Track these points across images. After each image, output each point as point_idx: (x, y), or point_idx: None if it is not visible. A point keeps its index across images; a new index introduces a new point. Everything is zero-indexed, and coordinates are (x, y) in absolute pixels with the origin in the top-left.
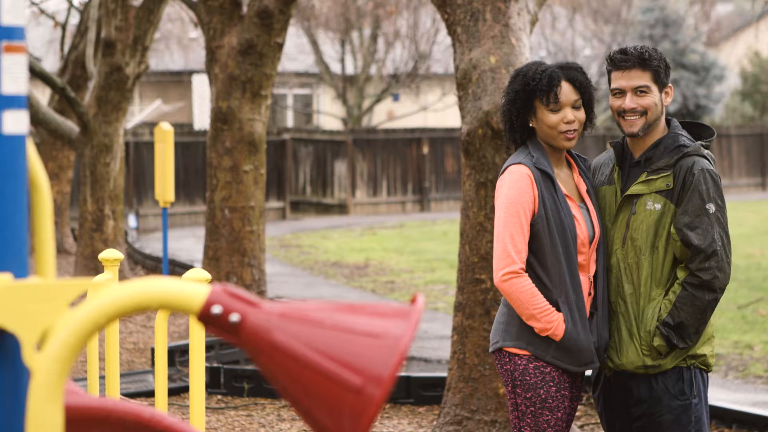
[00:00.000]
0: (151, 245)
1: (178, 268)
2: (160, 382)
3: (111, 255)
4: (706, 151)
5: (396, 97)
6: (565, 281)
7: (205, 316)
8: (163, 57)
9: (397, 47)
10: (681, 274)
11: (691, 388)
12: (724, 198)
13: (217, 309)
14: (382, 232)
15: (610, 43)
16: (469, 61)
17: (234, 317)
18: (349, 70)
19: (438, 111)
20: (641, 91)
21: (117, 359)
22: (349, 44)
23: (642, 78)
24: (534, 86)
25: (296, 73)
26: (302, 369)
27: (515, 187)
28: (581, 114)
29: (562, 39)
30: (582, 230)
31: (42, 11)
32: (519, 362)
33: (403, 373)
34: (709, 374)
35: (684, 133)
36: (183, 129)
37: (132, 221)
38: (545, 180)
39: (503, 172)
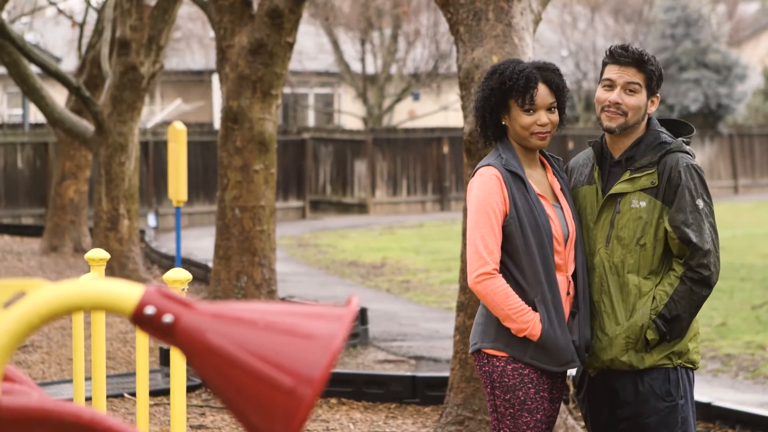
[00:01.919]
0: (169, 244)
1: (193, 267)
2: (141, 383)
3: (97, 255)
4: (687, 147)
5: (416, 97)
6: (540, 281)
7: (139, 317)
8: (184, 57)
9: (418, 46)
10: (679, 269)
11: (678, 388)
12: (711, 193)
13: (150, 310)
14: (401, 232)
15: (632, 42)
16: (472, 60)
17: (167, 318)
18: (370, 69)
19: (459, 110)
20: (630, 90)
21: (103, 360)
22: (369, 43)
23: (636, 76)
24: (510, 86)
25: (317, 73)
26: (234, 370)
27: (483, 188)
28: (555, 117)
29: (584, 38)
30: (557, 229)
31: (61, 11)
32: (497, 364)
33: (408, 373)
34: (719, 375)
35: (664, 130)
36: (203, 128)
37: (152, 220)
38: (516, 181)
39: (473, 175)
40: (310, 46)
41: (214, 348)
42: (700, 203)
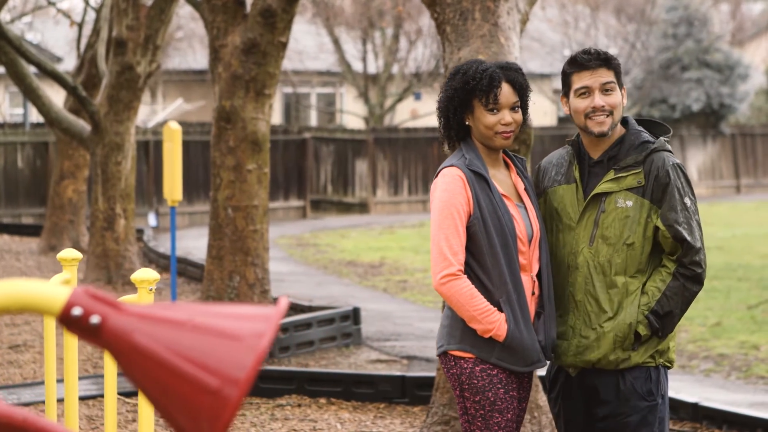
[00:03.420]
0: (168, 244)
1: (189, 267)
2: (110, 385)
3: (69, 255)
4: (668, 146)
5: (418, 96)
6: (505, 281)
7: (66, 318)
8: (186, 56)
9: (419, 46)
10: (671, 265)
11: (658, 387)
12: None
13: (77, 311)
14: (401, 231)
15: (634, 41)
16: (458, 60)
17: (94, 319)
18: (371, 68)
19: None
20: (607, 90)
21: (75, 361)
22: (370, 43)
23: (608, 75)
24: (474, 86)
25: (318, 72)
26: (161, 371)
27: (447, 189)
28: (518, 116)
29: (586, 38)
30: (521, 229)
31: (59, 11)
32: (465, 365)
33: (398, 373)
34: (711, 374)
35: (643, 130)
36: (204, 128)
37: (152, 220)
38: (479, 181)
39: (436, 176)
40: (311, 46)
41: (141, 349)
42: (688, 201)
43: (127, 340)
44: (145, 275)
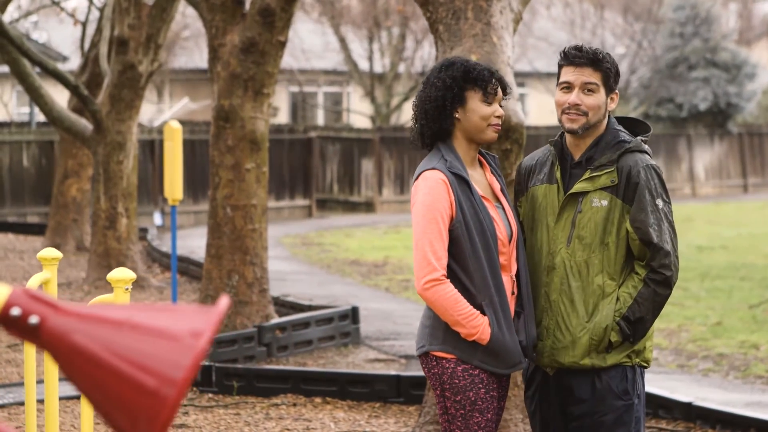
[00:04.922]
0: (170, 243)
1: (192, 266)
2: None
3: (49, 254)
4: (645, 147)
5: None
6: (488, 284)
7: (5, 319)
8: (192, 55)
9: (425, 45)
10: (641, 271)
11: (634, 387)
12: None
13: (16, 311)
14: (406, 231)
15: (641, 40)
16: None
17: (33, 319)
18: (378, 68)
19: None
20: (589, 90)
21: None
22: (377, 42)
23: (592, 76)
24: (476, 75)
25: (324, 71)
26: (100, 371)
27: (431, 193)
28: (503, 111)
29: (592, 37)
30: (501, 230)
31: (62, 9)
32: (447, 365)
33: (393, 372)
34: (710, 373)
35: (622, 129)
36: (210, 127)
37: (157, 219)
38: (461, 184)
39: (417, 178)
40: (317, 45)
41: (80, 349)
42: (660, 203)
43: (66, 340)
44: (121, 275)
